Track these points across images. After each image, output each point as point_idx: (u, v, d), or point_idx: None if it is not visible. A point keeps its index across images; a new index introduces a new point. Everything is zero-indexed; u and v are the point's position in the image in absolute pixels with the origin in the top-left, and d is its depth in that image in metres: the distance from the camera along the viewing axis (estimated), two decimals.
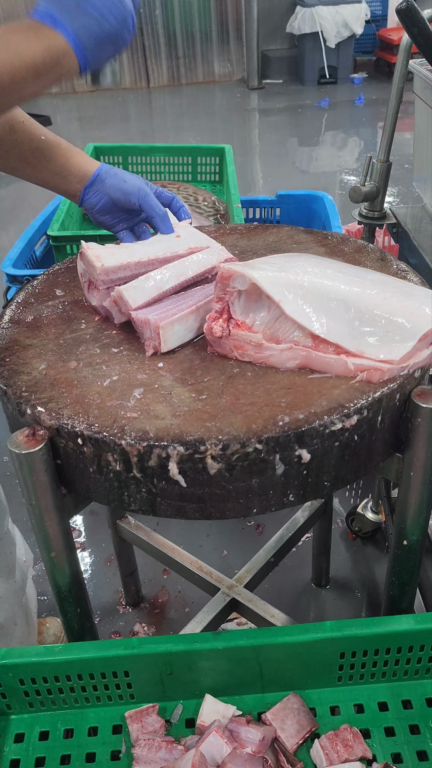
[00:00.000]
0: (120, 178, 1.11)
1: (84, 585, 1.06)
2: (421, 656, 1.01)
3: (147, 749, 0.96)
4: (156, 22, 7.63)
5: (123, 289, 0.99)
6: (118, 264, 1.03)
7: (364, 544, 1.99)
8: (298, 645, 0.99)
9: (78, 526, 2.14)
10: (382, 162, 1.66)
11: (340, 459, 0.86)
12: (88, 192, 1.12)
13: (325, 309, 0.92)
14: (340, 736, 0.97)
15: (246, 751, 0.94)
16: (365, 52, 7.74)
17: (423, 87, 1.80)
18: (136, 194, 1.10)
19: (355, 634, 0.99)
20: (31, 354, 0.98)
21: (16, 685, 1.00)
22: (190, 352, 0.97)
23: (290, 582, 1.89)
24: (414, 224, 1.89)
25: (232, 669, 1.01)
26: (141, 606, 1.85)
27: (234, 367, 0.93)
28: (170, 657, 0.99)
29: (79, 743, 1.01)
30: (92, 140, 3.24)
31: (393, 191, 4.43)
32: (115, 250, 1.07)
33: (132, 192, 1.10)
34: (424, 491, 0.98)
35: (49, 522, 0.93)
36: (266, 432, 0.80)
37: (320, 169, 5.29)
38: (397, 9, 1.19)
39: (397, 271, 1.12)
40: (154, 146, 2.57)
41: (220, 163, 2.56)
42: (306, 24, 6.98)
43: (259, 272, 0.92)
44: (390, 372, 0.87)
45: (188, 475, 0.82)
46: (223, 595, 1.37)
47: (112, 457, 0.82)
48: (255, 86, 7.59)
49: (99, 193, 1.12)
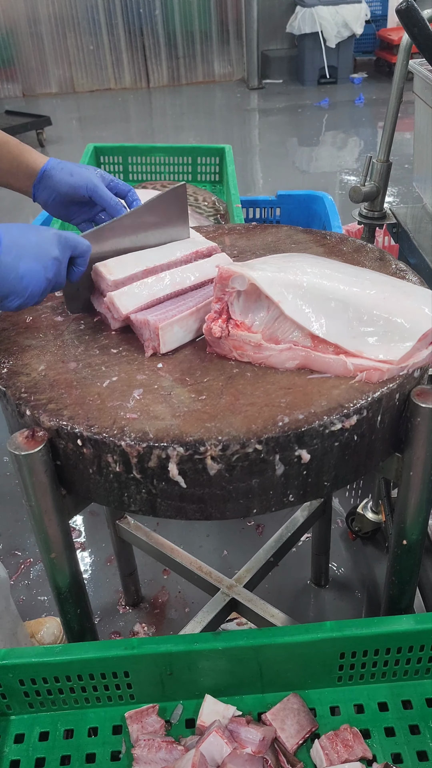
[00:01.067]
0: (66, 172, 1.11)
1: (84, 585, 1.06)
2: (421, 656, 1.01)
3: (147, 749, 0.96)
4: (156, 22, 7.63)
5: (115, 295, 0.99)
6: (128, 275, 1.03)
7: (364, 544, 1.99)
8: (298, 645, 0.99)
9: (78, 526, 2.14)
10: (382, 162, 1.66)
11: (340, 459, 0.86)
12: (37, 188, 1.12)
13: (325, 309, 0.92)
14: (340, 736, 0.97)
15: (246, 752, 0.94)
16: (365, 52, 7.75)
17: (423, 87, 1.80)
18: (84, 187, 1.10)
19: (355, 634, 0.99)
20: (30, 355, 0.98)
21: (16, 685, 1.00)
22: (189, 353, 0.97)
23: (290, 582, 1.89)
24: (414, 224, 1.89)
25: (232, 669, 1.01)
26: (141, 606, 1.85)
27: (233, 368, 0.93)
28: (170, 657, 0.99)
29: (79, 744, 1.01)
30: (92, 140, 3.24)
31: (393, 191, 4.43)
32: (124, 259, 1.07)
33: (80, 185, 1.10)
34: (423, 491, 0.98)
35: (49, 523, 0.93)
36: (266, 432, 0.80)
37: (320, 169, 5.29)
38: (397, 9, 1.19)
39: (396, 271, 1.12)
40: (154, 146, 2.57)
41: (220, 163, 2.56)
42: (306, 24, 6.98)
43: (258, 272, 0.92)
44: (389, 372, 0.88)
45: (188, 476, 0.82)
46: (223, 595, 1.37)
47: (111, 458, 0.82)
48: (255, 86, 7.59)
49: (48, 189, 1.12)
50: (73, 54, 7.77)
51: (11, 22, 7.43)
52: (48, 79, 7.87)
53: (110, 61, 7.86)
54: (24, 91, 7.88)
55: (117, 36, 7.71)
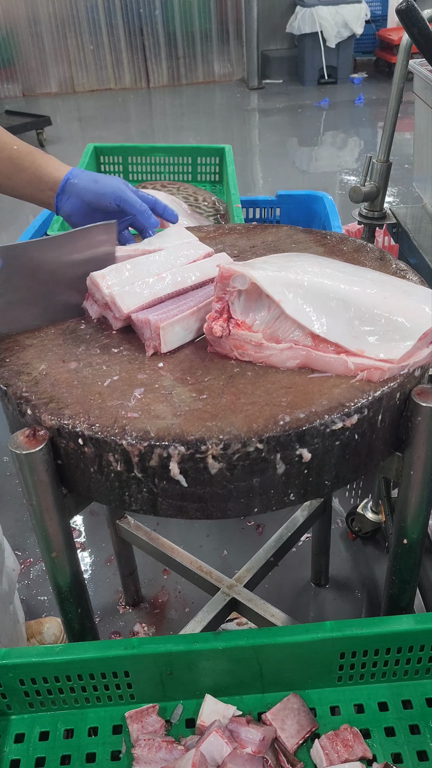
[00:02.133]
0: (91, 179, 1.08)
1: (84, 585, 1.06)
2: (421, 656, 1.01)
3: (147, 749, 0.96)
4: (156, 22, 7.63)
5: (116, 294, 0.99)
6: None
7: (364, 544, 1.99)
8: (298, 645, 0.99)
9: (78, 526, 2.14)
10: (382, 162, 1.66)
11: (340, 458, 0.86)
12: (61, 199, 1.09)
13: (325, 308, 0.92)
14: (340, 736, 0.97)
15: (246, 751, 0.94)
16: (365, 52, 7.75)
17: (423, 87, 1.80)
18: (110, 194, 1.07)
19: (355, 634, 0.99)
20: (31, 354, 0.98)
21: (17, 685, 1.00)
22: (190, 352, 0.97)
23: (290, 581, 1.89)
24: (414, 224, 1.89)
25: (232, 669, 1.01)
26: (141, 606, 1.85)
27: (234, 367, 0.93)
28: (170, 657, 0.99)
29: (79, 743, 1.00)
30: (92, 140, 3.24)
31: (393, 191, 4.43)
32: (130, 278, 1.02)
33: (105, 192, 1.07)
34: (424, 490, 0.98)
35: (50, 522, 0.93)
36: (267, 431, 0.80)
37: (320, 169, 5.29)
38: (397, 9, 1.19)
39: (396, 271, 1.12)
40: (154, 146, 2.57)
41: (220, 163, 2.56)
42: (306, 24, 6.99)
43: (259, 272, 0.92)
44: (390, 371, 0.88)
45: (189, 475, 0.82)
46: (223, 594, 1.36)
47: (113, 457, 0.82)
48: (255, 86, 7.59)
49: (72, 198, 1.08)
50: (73, 54, 7.77)
51: (11, 22, 7.43)
52: (48, 79, 7.87)
53: (110, 61, 7.86)
54: (24, 91, 7.88)
55: (117, 36, 7.71)
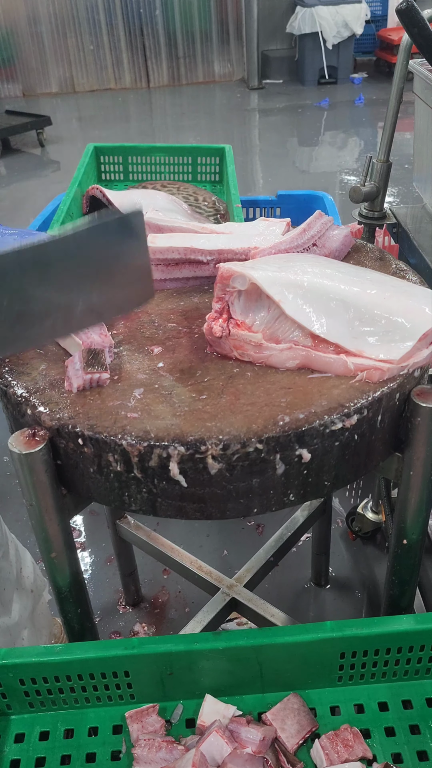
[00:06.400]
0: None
1: (84, 585, 1.06)
2: (421, 656, 1.01)
3: (147, 749, 0.96)
4: (156, 22, 7.63)
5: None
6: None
7: (364, 544, 1.99)
8: (299, 645, 0.99)
9: (78, 526, 2.14)
10: (382, 162, 1.66)
11: (340, 458, 0.86)
12: None
13: (325, 309, 0.92)
14: (341, 736, 0.97)
15: (246, 751, 0.94)
16: (365, 52, 7.75)
17: (423, 87, 1.80)
18: None
19: (355, 634, 0.99)
20: (31, 354, 0.98)
21: (17, 685, 1.00)
22: (189, 352, 0.97)
23: (290, 581, 1.89)
24: (414, 224, 1.89)
25: (233, 669, 1.01)
26: (141, 606, 1.85)
27: (234, 367, 0.93)
28: (170, 657, 0.99)
29: (79, 743, 1.00)
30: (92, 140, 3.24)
31: (393, 191, 4.43)
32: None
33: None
34: (423, 490, 0.98)
35: (50, 522, 0.93)
36: (267, 432, 0.80)
37: (320, 169, 5.29)
38: (397, 9, 1.19)
39: (396, 271, 1.12)
40: (154, 146, 2.57)
41: (220, 163, 2.56)
42: (306, 24, 6.99)
43: (259, 272, 0.92)
44: (390, 371, 0.88)
45: (189, 475, 0.82)
46: (223, 594, 1.37)
47: (112, 457, 0.82)
48: (255, 86, 7.60)
49: None
50: (73, 54, 7.77)
51: (11, 21, 7.43)
52: (48, 78, 7.87)
53: (110, 61, 7.87)
54: (24, 90, 7.89)
55: (117, 36, 7.71)
